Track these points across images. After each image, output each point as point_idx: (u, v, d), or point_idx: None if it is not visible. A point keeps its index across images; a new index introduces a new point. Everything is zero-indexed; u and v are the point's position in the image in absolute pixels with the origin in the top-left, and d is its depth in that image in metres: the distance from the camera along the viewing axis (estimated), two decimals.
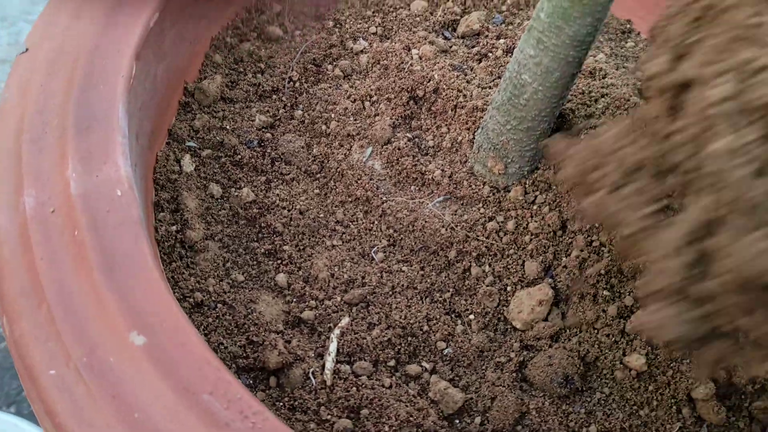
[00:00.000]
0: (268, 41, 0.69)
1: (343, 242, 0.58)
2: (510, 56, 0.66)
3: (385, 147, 0.62)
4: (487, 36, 0.70)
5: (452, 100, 0.62)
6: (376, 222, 0.59)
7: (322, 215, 0.60)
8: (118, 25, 0.52)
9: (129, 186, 0.45)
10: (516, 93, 0.54)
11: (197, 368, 0.40)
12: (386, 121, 0.63)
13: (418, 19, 0.73)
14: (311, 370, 0.51)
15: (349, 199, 0.60)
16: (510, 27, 0.72)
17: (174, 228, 0.55)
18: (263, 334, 0.52)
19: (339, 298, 0.55)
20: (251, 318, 0.52)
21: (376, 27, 0.72)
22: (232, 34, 0.67)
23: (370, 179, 0.61)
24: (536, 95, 0.54)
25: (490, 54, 0.67)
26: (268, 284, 0.55)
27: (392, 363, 0.53)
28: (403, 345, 0.53)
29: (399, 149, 0.62)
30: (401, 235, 0.58)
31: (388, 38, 0.71)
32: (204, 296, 0.52)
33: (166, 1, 0.56)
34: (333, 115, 0.64)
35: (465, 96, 0.62)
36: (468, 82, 0.64)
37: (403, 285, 0.56)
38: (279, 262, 0.56)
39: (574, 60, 0.51)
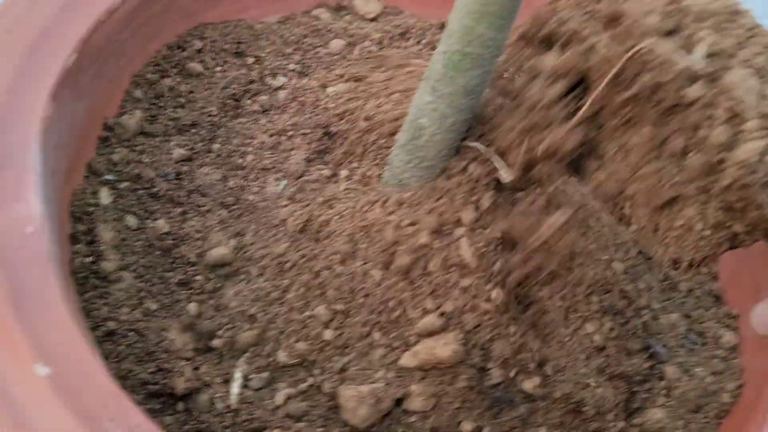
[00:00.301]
0: (188, 77, 0.72)
1: None
2: None
3: (298, 180, 0.66)
4: None
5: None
6: None
7: None
8: (34, 66, 0.55)
9: (40, 223, 0.48)
10: (416, 135, 0.59)
11: (99, 397, 0.43)
12: (301, 156, 0.67)
13: (336, 57, 0.77)
14: (217, 394, 0.54)
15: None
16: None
17: (89, 259, 0.57)
18: (173, 361, 0.54)
19: (248, 326, 0.58)
20: (162, 345, 0.55)
21: (295, 64, 0.75)
22: (153, 71, 0.69)
23: None
24: (434, 138, 0.58)
25: None
26: (180, 313, 0.58)
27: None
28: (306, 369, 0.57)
29: (312, 182, 0.65)
30: None
31: (306, 75, 0.75)
32: (116, 325, 0.55)
33: (84, 41, 0.59)
34: (250, 149, 0.68)
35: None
36: None
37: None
38: (191, 291, 0.59)
39: (467, 108, 0.56)
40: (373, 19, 0.81)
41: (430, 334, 0.57)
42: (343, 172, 0.67)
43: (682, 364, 0.65)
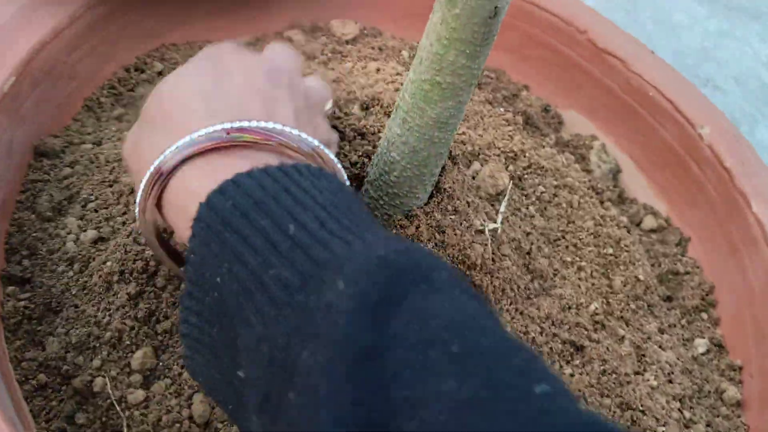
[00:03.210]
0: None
1: None
2: None
3: None
4: None
5: None
6: None
7: None
8: None
9: None
10: (386, 170, 0.53)
11: None
12: None
13: None
14: None
15: None
16: None
17: (22, 304, 0.52)
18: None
19: None
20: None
21: None
22: (107, 95, 0.64)
23: None
24: (405, 173, 0.53)
25: None
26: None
27: None
28: None
29: None
30: None
31: None
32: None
33: (26, 63, 0.54)
34: None
35: None
36: None
37: None
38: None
39: (440, 141, 0.51)
40: (350, 41, 0.76)
41: None
42: None
43: (678, 421, 0.59)
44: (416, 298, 0.30)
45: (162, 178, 0.39)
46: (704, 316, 0.67)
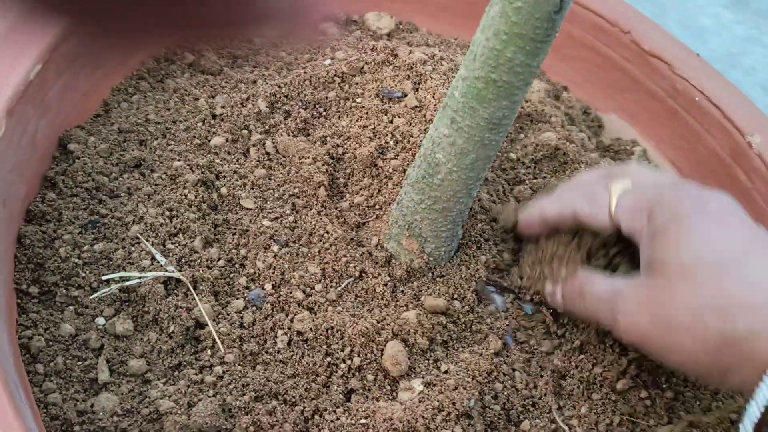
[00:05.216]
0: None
1: None
2: None
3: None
4: None
5: None
6: None
7: None
8: None
9: None
10: (430, 172, 0.50)
11: None
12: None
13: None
14: None
15: None
16: None
17: None
18: None
19: None
20: None
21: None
22: (135, 85, 0.61)
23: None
24: (451, 176, 0.50)
25: None
26: None
27: None
28: None
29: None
30: None
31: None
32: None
33: (52, 50, 0.51)
34: None
35: None
36: None
37: None
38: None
39: (491, 143, 0.48)
40: (383, 36, 0.73)
41: None
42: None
43: None
44: None
45: None
46: None
